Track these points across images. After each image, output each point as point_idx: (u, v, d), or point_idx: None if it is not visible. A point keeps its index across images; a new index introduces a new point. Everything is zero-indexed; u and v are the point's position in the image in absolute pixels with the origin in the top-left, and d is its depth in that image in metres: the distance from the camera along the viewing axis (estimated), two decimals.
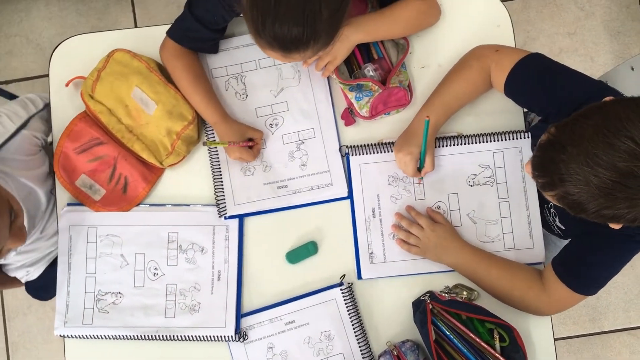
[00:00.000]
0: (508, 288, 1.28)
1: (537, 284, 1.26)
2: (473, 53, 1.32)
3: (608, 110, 0.93)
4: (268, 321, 1.34)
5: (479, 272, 1.30)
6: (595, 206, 0.93)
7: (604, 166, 0.89)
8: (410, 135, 1.31)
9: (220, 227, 1.36)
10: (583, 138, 0.92)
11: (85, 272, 1.37)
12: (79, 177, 1.38)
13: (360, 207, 1.37)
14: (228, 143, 1.30)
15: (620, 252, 1.17)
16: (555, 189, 0.97)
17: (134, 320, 1.34)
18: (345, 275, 1.35)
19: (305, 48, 1.10)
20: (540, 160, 0.99)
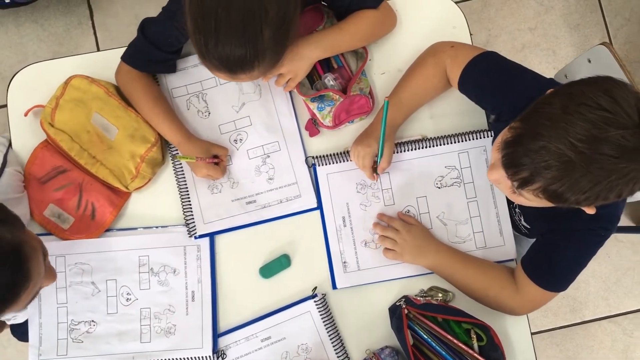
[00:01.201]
0: (483, 288, 1.28)
1: (511, 284, 1.27)
2: (429, 50, 1.33)
3: (568, 91, 0.94)
4: (244, 339, 1.33)
5: (455, 272, 1.30)
6: (579, 191, 0.92)
7: (582, 140, 0.88)
8: (369, 131, 1.32)
9: (191, 247, 1.35)
10: (554, 119, 0.91)
11: (57, 302, 1.35)
12: (46, 207, 1.36)
13: (331, 217, 1.37)
14: (196, 158, 1.29)
15: (585, 247, 1.18)
16: (535, 182, 0.95)
17: (109, 348, 1.32)
18: (317, 287, 1.35)
19: (251, 68, 1.11)
20: (512, 157, 0.97)
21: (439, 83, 1.33)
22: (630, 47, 2.43)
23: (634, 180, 0.91)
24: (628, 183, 0.91)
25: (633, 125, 0.88)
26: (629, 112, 0.88)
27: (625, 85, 0.92)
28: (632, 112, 0.88)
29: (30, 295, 1.05)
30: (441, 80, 1.32)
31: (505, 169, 1.00)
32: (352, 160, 1.34)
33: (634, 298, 2.33)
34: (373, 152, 1.30)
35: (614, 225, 1.16)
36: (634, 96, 0.90)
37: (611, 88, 0.91)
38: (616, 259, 2.34)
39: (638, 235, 2.33)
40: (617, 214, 1.17)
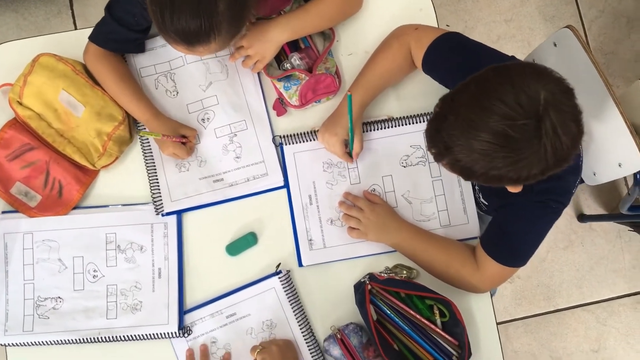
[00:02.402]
0: (444, 265, 1.30)
1: (471, 261, 1.29)
2: (394, 32, 1.35)
3: (481, 77, 0.97)
4: (209, 316, 1.34)
5: (418, 250, 1.32)
6: (481, 169, 0.97)
7: (480, 129, 0.93)
8: (335, 118, 1.33)
9: (159, 225, 1.36)
10: (461, 105, 0.96)
11: (23, 279, 1.35)
12: (13, 185, 1.37)
13: (297, 195, 1.38)
14: (162, 135, 1.30)
15: (538, 220, 1.20)
16: (445, 158, 1.01)
17: (75, 324, 1.32)
18: (283, 264, 1.35)
19: (207, 41, 1.12)
20: (429, 134, 1.04)
21: (404, 64, 1.34)
22: (604, 39, 2.46)
23: (527, 166, 0.95)
24: (522, 168, 0.95)
25: (525, 117, 0.91)
26: (524, 102, 0.91)
27: (539, 75, 0.94)
28: (527, 103, 0.91)
29: None
30: (406, 62, 1.34)
31: (425, 142, 1.07)
32: (322, 145, 1.36)
33: (607, 287, 2.36)
34: (341, 140, 1.32)
35: (565, 198, 1.18)
36: (543, 83, 0.92)
37: (518, 77, 0.93)
38: (590, 247, 2.37)
39: (612, 225, 2.36)
40: (568, 187, 1.19)
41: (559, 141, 0.92)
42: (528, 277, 2.34)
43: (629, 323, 2.34)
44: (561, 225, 2.37)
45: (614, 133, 1.44)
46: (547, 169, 0.96)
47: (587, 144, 1.50)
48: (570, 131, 0.93)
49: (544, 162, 0.94)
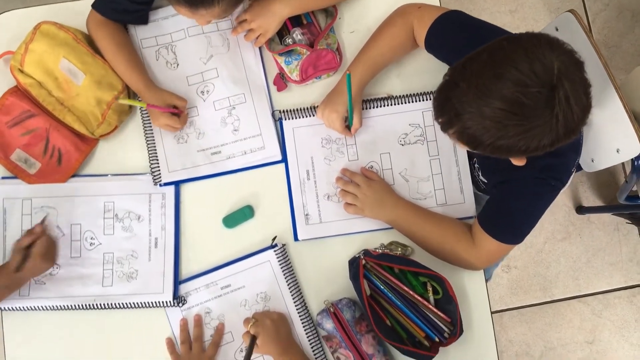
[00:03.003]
0: (440, 242, 1.31)
1: (467, 237, 1.29)
2: (397, 11, 1.35)
3: (494, 46, 0.97)
4: (204, 287, 1.34)
5: (413, 226, 1.32)
6: (490, 138, 0.97)
7: (493, 96, 0.93)
8: (335, 94, 1.34)
9: (156, 195, 1.36)
10: (473, 73, 0.96)
11: None
12: (13, 151, 1.37)
13: (295, 170, 1.38)
14: (146, 104, 1.30)
15: (537, 197, 1.20)
16: (454, 126, 1.01)
17: (71, 290, 1.33)
18: (277, 236, 1.36)
19: (211, 3, 1.12)
20: (437, 102, 1.04)
21: (406, 43, 1.35)
22: (608, 32, 2.46)
23: (538, 136, 0.95)
24: (532, 138, 0.95)
25: (539, 85, 0.91)
26: (538, 71, 0.91)
27: (552, 45, 0.94)
28: (541, 72, 0.91)
29: None
30: (408, 40, 1.34)
31: (433, 112, 1.05)
32: (322, 121, 1.37)
33: (603, 279, 2.36)
34: (341, 116, 1.32)
35: (564, 175, 1.18)
36: (557, 54, 0.93)
37: (532, 46, 0.93)
38: (588, 239, 2.37)
39: (610, 218, 2.36)
40: (568, 166, 1.19)
41: (570, 111, 0.92)
42: (524, 267, 2.35)
43: (624, 316, 2.34)
44: (559, 217, 2.37)
45: (613, 119, 1.43)
46: (557, 140, 0.96)
47: (586, 131, 1.50)
48: (582, 102, 0.93)
49: (555, 133, 0.94)
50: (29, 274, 1.30)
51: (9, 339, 1.36)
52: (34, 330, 1.36)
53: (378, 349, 1.30)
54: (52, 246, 1.33)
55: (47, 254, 1.30)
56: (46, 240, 1.31)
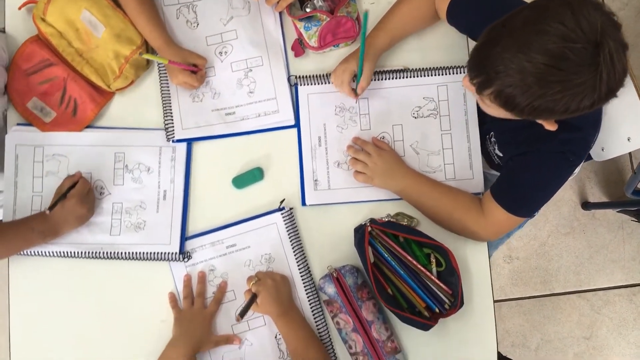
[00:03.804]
0: (449, 212, 1.31)
1: (476, 208, 1.30)
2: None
3: (536, 4, 0.96)
4: (210, 244, 1.35)
5: (422, 196, 1.33)
6: (529, 98, 0.95)
7: (536, 50, 0.91)
8: (350, 55, 1.35)
9: (167, 148, 1.37)
10: (514, 29, 0.95)
11: (32, 190, 1.37)
12: (30, 99, 1.39)
13: (307, 135, 1.39)
14: (168, 60, 1.31)
15: (554, 171, 1.20)
16: (492, 85, 0.98)
17: (79, 238, 1.35)
18: (285, 199, 1.37)
19: None
20: (475, 61, 1.02)
21: (427, 14, 1.35)
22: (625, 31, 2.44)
23: (580, 95, 0.93)
24: (574, 97, 0.94)
25: (585, 41, 0.90)
26: (585, 27, 0.90)
27: (595, 5, 0.94)
28: (587, 28, 0.90)
29: None
30: (429, 12, 1.34)
31: (468, 73, 1.04)
32: (332, 82, 1.37)
33: (605, 276, 2.37)
34: (352, 68, 1.32)
35: (583, 151, 1.18)
36: (599, 14, 0.92)
37: (578, 4, 0.92)
38: (591, 235, 2.38)
39: (615, 215, 2.37)
40: (587, 141, 1.19)
41: (613, 70, 0.91)
42: (526, 258, 2.35)
43: (623, 314, 2.35)
44: (564, 212, 2.38)
45: (626, 107, 1.44)
46: (597, 101, 0.94)
47: None
48: (622, 62, 0.92)
49: (597, 92, 0.93)
50: (68, 219, 1.30)
51: (14, 286, 1.38)
52: (38, 278, 1.37)
53: (378, 316, 1.31)
54: (91, 193, 1.34)
55: (85, 198, 1.31)
56: (85, 183, 1.33)
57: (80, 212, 1.29)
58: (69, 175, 1.35)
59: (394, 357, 1.29)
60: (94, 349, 1.36)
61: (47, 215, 1.27)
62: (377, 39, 1.30)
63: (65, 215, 1.28)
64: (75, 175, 1.34)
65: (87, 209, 1.30)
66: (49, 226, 1.28)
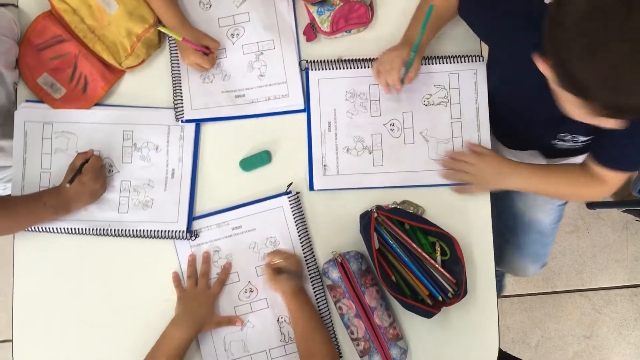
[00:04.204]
0: (567, 192, 1.39)
1: (588, 178, 1.30)
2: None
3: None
4: (215, 225, 1.36)
5: (540, 185, 1.35)
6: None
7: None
8: (402, 44, 1.32)
9: (175, 127, 1.38)
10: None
11: (40, 167, 1.37)
12: (41, 75, 1.39)
13: (317, 120, 1.39)
14: (182, 37, 1.31)
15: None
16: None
17: (87, 214, 1.35)
18: (293, 183, 1.37)
19: None
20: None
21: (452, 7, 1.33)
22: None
23: None
24: None
25: None
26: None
27: None
28: None
29: None
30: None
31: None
32: (377, 68, 1.32)
33: (607, 275, 2.36)
34: (403, 57, 1.28)
35: None
36: None
37: None
38: (595, 235, 2.37)
39: (620, 215, 2.36)
40: None
41: None
42: None
43: (624, 314, 2.34)
44: (569, 210, 2.37)
45: None
46: None
47: None
48: None
49: None
50: (81, 195, 1.30)
51: (18, 263, 1.38)
52: (43, 255, 1.38)
53: (380, 302, 1.31)
54: (103, 169, 1.35)
55: (99, 173, 1.31)
56: (98, 159, 1.33)
57: (94, 188, 1.29)
58: (81, 152, 1.35)
59: (396, 344, 1.29)
60: (97, 326, 1.36)
61: (60, 191, 1.28)
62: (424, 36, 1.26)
63: (80, 190, 1.28)
64: (88, 152, 1.34)
65: (100, 185, 1.30)
66: (61, 201, 1.28)
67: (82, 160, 1.31)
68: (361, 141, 1.39)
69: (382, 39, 1.40)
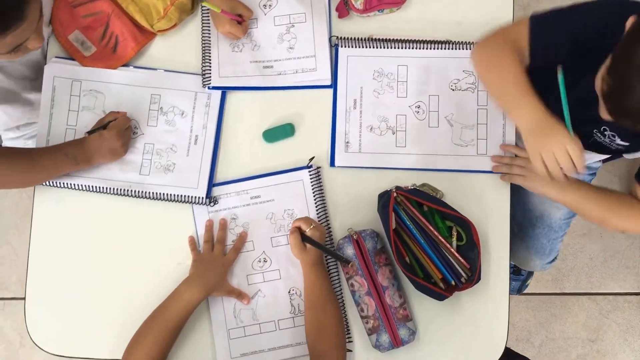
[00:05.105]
0: (613, 223, 1.31)
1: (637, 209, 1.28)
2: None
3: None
4: (234, 193, 1.36)
5: (583, 207, 1.31)
6: None
7: None
8: (543, 124, 1.13)
9: (202, 94, 1.38)
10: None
11: (66, 124, 1.38)
12: (72, 32, 1.40)
13: (343, 97, 1.39)
14: (221, 10, 1.31)
15: None
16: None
17: (109, 174, 1.36)
18: (315, 157, 1.37)
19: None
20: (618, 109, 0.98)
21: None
22: None
23: None
24: None
25: None
26: None
27: None
28: None
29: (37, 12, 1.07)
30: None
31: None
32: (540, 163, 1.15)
33: (617, 281, 2.35)
34: (564, 145, 1.10)
35: None
36: None
37: None
38: (608, 240, 2.36)
39: None
40: None
41: None
42: None
43: (631, 321, 2.33)
44: None
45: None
46: None
47: None
48: None
49: None
50: (102, 149, 1.30)
51: (37, 215, 1.40)
52: (61, 210, 1.39)
53: (393, 282, 1.31)
54: (129, 130, 1.35)
55: (123, 133, 1.32)
56: (126, 120, 1.34)
57: (115, 145, 1.30)
58: (113, 111, 1.35)
59: (405, 324, 1.30)
60: (109, 285, 1.37)
61: (81, 142, 1.29)
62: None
63: (101, 145, 1.29)
64: (120, 112, 1.35)
65: (121, 144, 1.31)
66: (82, 152, 1.29)
67: (111, 118, 1.32)
68: (385, 121, 1.39)
69: (414, 21, 1.41)
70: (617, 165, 2.34)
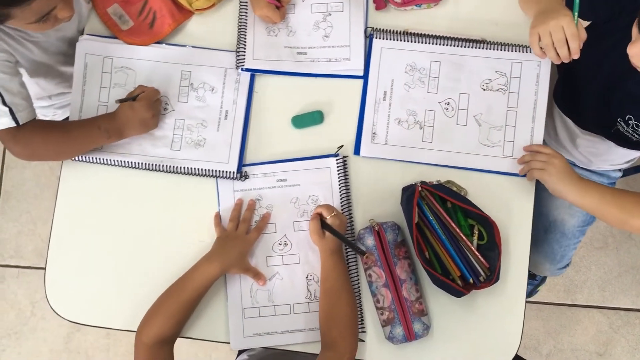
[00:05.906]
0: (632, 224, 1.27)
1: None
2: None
3: None
4: (261, 174, 1.37)
5: (601, 208, 1.29)
6: None
7: None
8: (549, 8, 1.21)
9: (232, 70, 1.39)
10: None
11: (98, 100, 1.39)
12: (112, 5, 1.41)
13: (373, 88, 1.40)
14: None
15: None
16: None
17: (141, 149, 1.37)
18: (344, 146, 1.38)
19: None
20: None
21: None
22: None
23: None
24: None
25: None
26: None
27: None
28: None
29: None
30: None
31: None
32: (544, 44, 1.21)
33: (629, 297, 2.34)
34: (567, 23, 1.16)
35: None
36: None
37: None
38: (624, 255, 2.35)
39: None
40: None
41: None
42: None
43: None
44: (601, 226, 2.35)
45: None
46: None
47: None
48: None
49: None
50: (133, 121, 1.31)
51: (63, 186, 1.41)
52: (87, 183, 1.40)
53: (410, 276, 1.32)
54: (158, 102, 1.36)
55: (153, 104, 1.33)
56: (155, 92, 1.35)
57: (146, 116, 1.31)
58: (142, 85, 1.37)
59: (420, 319, 1.30)
60: (127, 256, 1.39)
61: (113, 115, 1.30)
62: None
63: (132, 116, 1.30)
64: (149, 87, 1.36)
65: (152, 115, 1.32)
66: (114, 125, 1.31)
67: (140, 90, 1.33)
68: (414, 115, 1.39)
69: (450, 18, 1.41)
70: (638, 180, 2.33)
